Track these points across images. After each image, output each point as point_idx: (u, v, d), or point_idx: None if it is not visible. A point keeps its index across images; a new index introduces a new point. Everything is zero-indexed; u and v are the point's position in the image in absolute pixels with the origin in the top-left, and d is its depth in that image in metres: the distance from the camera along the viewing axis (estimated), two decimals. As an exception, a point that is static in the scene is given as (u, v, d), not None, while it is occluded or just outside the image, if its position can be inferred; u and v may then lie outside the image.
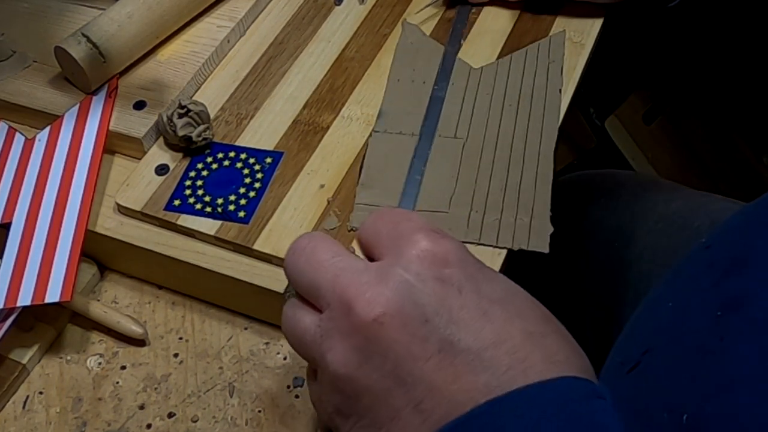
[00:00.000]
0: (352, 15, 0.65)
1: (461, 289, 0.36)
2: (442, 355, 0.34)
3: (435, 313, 0.35)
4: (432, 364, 0.34)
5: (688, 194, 0.68)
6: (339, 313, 0.36)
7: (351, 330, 0.35)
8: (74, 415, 0.49)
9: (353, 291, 0.36)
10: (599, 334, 0.63)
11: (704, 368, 0.31)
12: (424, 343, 0.34)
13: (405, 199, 0.52)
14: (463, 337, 0.34)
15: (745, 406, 0.28)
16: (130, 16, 0.59)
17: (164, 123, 0.56)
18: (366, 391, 0.35)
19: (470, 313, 0.35)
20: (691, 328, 0.33)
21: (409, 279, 0.35)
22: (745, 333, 0.30)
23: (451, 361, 0.34)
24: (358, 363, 0.35)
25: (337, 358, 0.36)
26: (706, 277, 0.35)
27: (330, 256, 0.38)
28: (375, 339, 0.35)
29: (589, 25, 0.63)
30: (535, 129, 0.56)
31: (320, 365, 0.37)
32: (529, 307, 0.37)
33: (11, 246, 0.51)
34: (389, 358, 0.35)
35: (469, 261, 0.37)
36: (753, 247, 0.34)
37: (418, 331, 0.34)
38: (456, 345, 0.34)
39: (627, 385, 0.35)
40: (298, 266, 0.39)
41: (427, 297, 0.35)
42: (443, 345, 0.34)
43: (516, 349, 0.34)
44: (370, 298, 0.35)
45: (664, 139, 1.27)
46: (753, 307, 0.31)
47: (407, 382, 0.34)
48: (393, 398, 0.35)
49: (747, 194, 0.54)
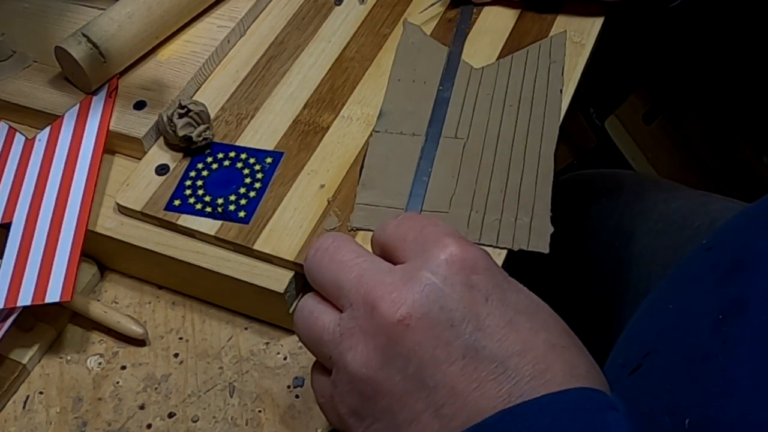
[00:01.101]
0: (353, 15, 0.65)
1: (488, 297, 0.35)
2: (466, 360, 0.34)
3: (461, 318, 0.34)
4: (455, 369, 0.34)
5: (688, 194, 0.68)
6: (362, 313, 0.36)
7: (374, 330, 0.35)
8: (74, 415, 0.49)
9: (378, 291, 0.35)
10: (599, 335, 0.63)
11: (706, 371, 0.31)
12: (449, 348, 0.34)
13: (413, 200, 0.52)
14: (488, 344, 0.34)
15: (747, 409, 0.28)
16: (130, 16, 0.59)
17: (164, 123, 0.56)
18: (386, 393, 0.35)
19: (496, 321, 0.35)
20: (693, 331, 0.33)
21: (436, 282, 0.35)
22: (747, 336, 0.30)
23: (475, 366, 0.34)
24: (379, 364, 0.35)
25: (357, 358, 0.35)
26: (708, 278, 0.35)
27: (354, 256, 0.38)
28: (399, 340, 0.34)
29: (590, 25, 0.63)
30: (536, 129, 0.56)
31: (338, 365, 0.37)
32: (552, 319, 0.37)
33: (11, 246, 0.51)
34: (412, 360, 0.34)
35: (496, 270, 0.37)
36: (754, 249, 0.34)
37: (443, 335, 0.34)
38: (480, 352, 0.34)
39: (628, 388, 0.35)
40: (321, 264, 0.38)
41: (455, 302, 0.35)
42: (468, 351, 0.34)
43: (539, 359, 0.34)
44: (395, 299, 0.35)
45: (664, 139, 1.27)
46: (755, 309, 0.31)
47: (429, 386, 0.34)
48: (413, 401, 0.34)
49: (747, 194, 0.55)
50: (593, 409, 0.33)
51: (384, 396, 0.35)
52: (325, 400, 0.39)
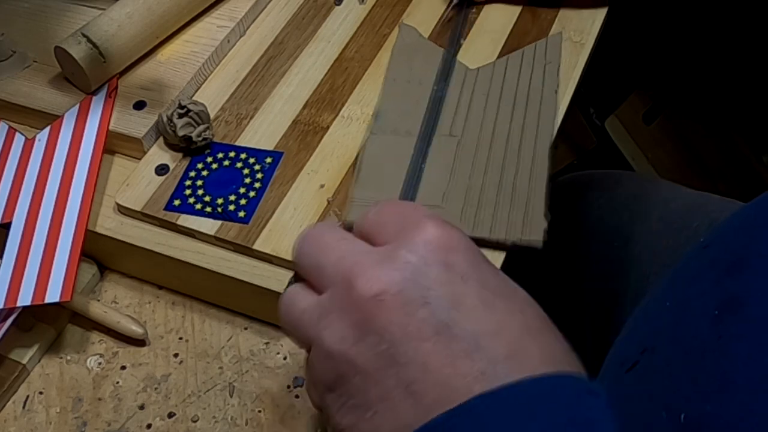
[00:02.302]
0: (352, 15, 0.65)
1: (465, 277, 0.35)
2: (438, 337, 0.34)
3: (436, 296, 0.35)
4: (428, 345, 0.34)
5: (687, 194, 0.68)
6: (340, 290, 0.36)
7: (350, 306, 0.35)
8: (74, 415, 0.49)
9: (356, 269, 0.36)
10: (598, 334, 0.63)
11: (703, 368, 0.31)
12: (422, 325, 0.34)
13: (405, 197, 0.52)
14: (462, 323, 0.34)
15: (744, 405, 0.28)
16: (130, 16, 0.59)
17: (164, 123, 0.56)
18: (359, 370, 0.35)
19: (472, 301, 0.35)
20: (690, 328, 0.33)
21: (413, 261, 0.35)
22: (744, 333, 0.30)
23: (447, 344, 0.34)
24: (353, 340, 0.35)
25: (333, 335, 0.36)
26: (705, 277, 0.35)
27: (337, 239, 0.38)
28: (372, 316, 0.35)
29: (590, 25, 0.63)
30: (531, 129, 0.56)
31: (315, 343, 0.37)
32: (528, 304, 0.37)
33: (11, 246, 0.51)
34: (385, 337, 0.34)
35: (475, 251, 0.37)
36: (752, 247, 0.34)
37: (417, 313, 0.34)
38: (454, 329, 0.34)
39: (626, 385, 0.35)
40: (305, 249, 0.39)
41: (431, 280, 0.35)
42: (441, 328, 0.34)
43: (513, 341, 0.34)
44: (371, 276, 0.35)
45: (664, 139, 1.27)
46: (752, 306, 0.31)
47: (400, 362, 0.34)
48: (385, 378, 0.34)
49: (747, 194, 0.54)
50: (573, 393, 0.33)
51: (357, 372, 0.35)
52: (308, 384, 0.39)
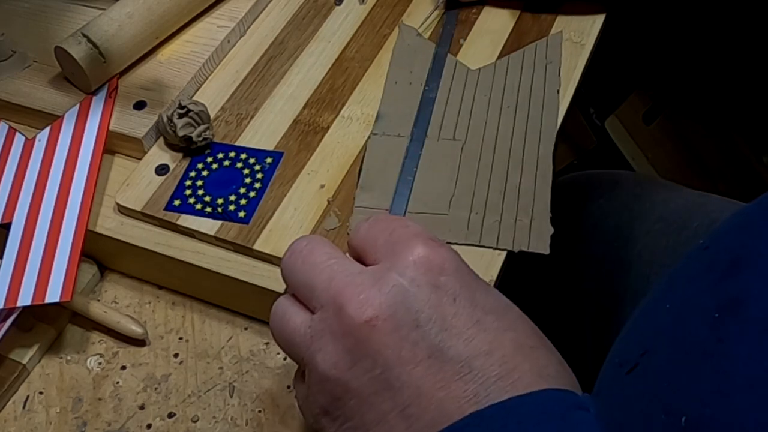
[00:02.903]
0: (353, 15, 0.65)
1: (456, 298, 0.36)
2: (431, 360, 0.34)
3: (427, 319, 0.35)
4: (421, 369, 0.34)
5: (687, 194, 0.68)
6: (331, 314, 0.36)
7: (342, 331, 0.36)
8: (74, 415, 0.49)
9: (347, 293, 0.36)
10: (598, 335, 0.63)
11: (703, 370, 0.31)
12: (414, 348, 0.34)
13: (397, 200, 0.52)
14: (454, 344, 0.34)
15: (744, 408, 0.28)
16: (131, 16, 0.59)
17: (164, 123, 0.56)
18: (354, 394, 0.35)
19: (463, 322, 0.35)
20: (690, 330, 0.33)
21: (403, 283, 0.36)
22: (744, 334, 0.30)
23: (440, 367, 0.34)
24: (347, 365, 0.35)
25: (327, 359, 0.36)
26: (705, 278, 0.35)
27: (326, 258, 0.38)
28: (365, 341, 0.35)
29: (590, 25, 0.63)
30: (534, 130, 0.56)
31: (309, 366, 0.37)
32: (521, 320, 0.37)
33: (11, 246, 0.51)
34: (378, 361, 0.35)
35: (465, 271, 0.37)
36: (752, 248, 0.34)
37: (409, 336, 0.35)
38: (446, 352, 0.34)
39: (625, 387, 0.35)
40: (295, 267, 0.39)
41: (421, 303, 0.35)
42: (433, 351, 0.34)
43: (506, 359, 0.34)
44: (362, 300, 0.35)
45: (664, 139, 1.27)
46: (752, 308, 0.31)
47: (395, 386, 0.34)
48: (380, 402, 0.35)
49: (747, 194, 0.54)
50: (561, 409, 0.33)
51: (352, 396, 0.36)
52: (302, 402, 0.40)
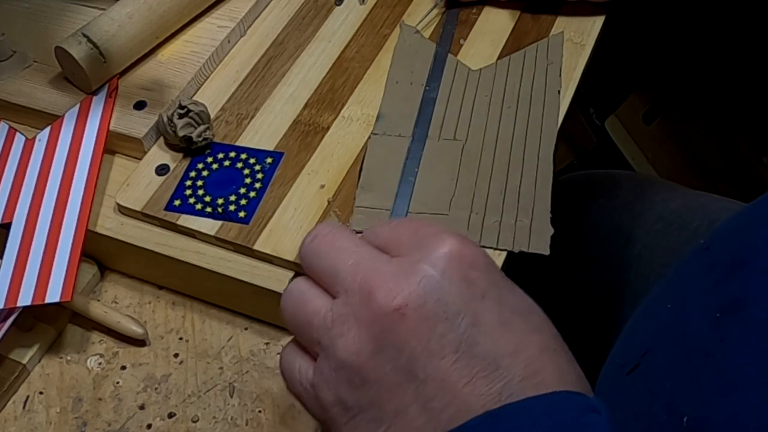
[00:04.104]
0: (353, 15, 0.65)
1: (485, 294, 0.35)
2: (458, 355, 0.34)
3: (457, 313, 0.34)
4: (447, 362, 0.33)
5: (686, 194, 0.68)
6: (357, 300, 0.35)
7: (368, 318, 0.35)
8: (74, 415, 0.49)
9: (376, 279, 0.35)
10: (598, 335, 0.63)
11: (704, 370, 0.31)
12: (442, 341, 0.34)
13: (399, 200, 0.52)
14: (482, 341, 0.34)
15: (746, 408, 0.28)
16: (131, 16, 0.59)
17: (164, 123, 0.56)
18: (374, 383, 0.34)
19: (491, 319, 0.34)
20: (691, 330, 0.33)
21: (434, 275, 0.35)
22: (746, 335, 0.30)
23: (468, 362, 0.33)
24: (370, 352, 0.34)
25: (348, 345, 0.35)
26: (706, 278, 0.35)
27: (353, 244, 0.37)
28: (392, 330, 0.34)
29: (590, 26, 0.63)
30: (535, 131, 0.56)
31: (327, 350, 0.36)
32: (545, 323, 0.36)
33: (11, 246, 0.51)
34: (404, 351, 0.34)
35: (494, 269, 0.37)
36: (753, 248, 0.34)
37: (437, 328, 0.34)
38: (474, 348, 0.34)
39: (627, 387, 0.35)
40: (319, 249, 0.38)
41: (452, 296, 0.34)
42: (461, 346, 0.34)
43: (531, 361, 0.34)
44: (392, 289, 0.34)
45: (664, 139, 1.27)
46: (753, 308, 0.31)
47: (419, 377, 0.34)
48: (402, 393, 0.34)
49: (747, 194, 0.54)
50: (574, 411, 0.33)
51: (372, 386, 0.35)
52: (304, 388, 0.38)
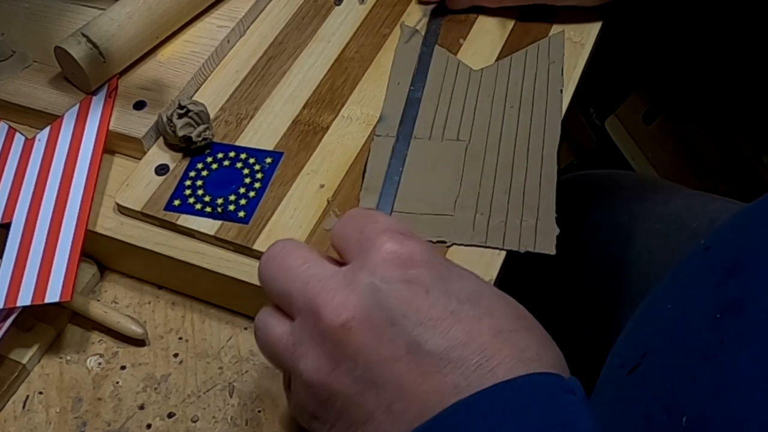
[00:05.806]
0: (352, 15, 0.65)
1: (428, 290, 0.36)
2: (410, 356, 0.34)
3: (402, 315, 0.35)
4: (401, 365, 0.34)
5: (686, 194, 0.68)
6: (309, 320, 0.37)
7: (320, 336, 0.36)
8: (74, 415, 0.49)
9: (321, 297, 0.36)
10: (598, 334, 0.63)
11: (704, 370, 0.31)
12: (392, 345, 0.35)
13: (383, 199, 0.52)
14: (430, 337, 0.35)
15: (745, 408, 0.28)
16: (130, 16, 0.59)
17: (164, 123, 0.56)
18: (339, 396, 0.36)
19: (438, 313, 0.35)
20: (691, 330, 0.33)
21: (374, 282, 0.36)
22: (746, 335, 0.30)
23: (419, 362, 0.34)
24: (329, 369, 0.36)
25: (309, 365, 0.36)
26: (706, 278, 0.35)
27: (300, 263, 0.38)
28: (344, 344, 0.35)
29: (590, 25, 0.63)
30: (538, 130, 0.56)
31: (294, 373, 0.38)
32: (499, 304, 0.37)
33: (11, 246, 0.51)
34: (359, 362, 0.35)
35: (437, 260, 0.37)
36: (753, 249, 0.34)
37: (385, 334, 0.35)
38: (423, 346, 0.34)
39: (626, 387, 0.35)
40: (271, 274, 0.39)
41: (393, 300, 0.35)
42: (411, 346, 0.35)
43: (484, 347, 0.34)
44: (337, 304, 0.36)
45: (664, 139, 1.27)
46: (753, 308, 0.31)
47: (377, 384, 0.35)
48: (365, 401, 0.35)
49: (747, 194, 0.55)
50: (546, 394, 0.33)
51: (337, 398, 0.36)
52: (293, 409, 0.40)
